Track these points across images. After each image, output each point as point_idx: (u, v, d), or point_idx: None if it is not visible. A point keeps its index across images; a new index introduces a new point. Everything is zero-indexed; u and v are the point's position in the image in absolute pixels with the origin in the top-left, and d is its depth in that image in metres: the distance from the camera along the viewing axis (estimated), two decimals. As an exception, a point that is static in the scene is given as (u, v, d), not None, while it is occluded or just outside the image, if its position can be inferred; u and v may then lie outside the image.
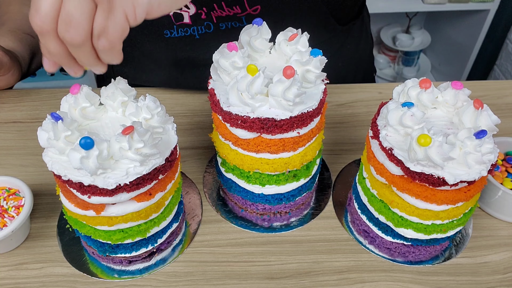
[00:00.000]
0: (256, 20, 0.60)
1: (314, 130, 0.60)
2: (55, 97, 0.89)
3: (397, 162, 0.54)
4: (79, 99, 0.54)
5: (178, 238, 0.67)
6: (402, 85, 0.59)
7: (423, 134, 0.50)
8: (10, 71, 0.83)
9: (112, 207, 0.54)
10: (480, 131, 0.51)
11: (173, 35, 0.81)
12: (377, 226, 0.64)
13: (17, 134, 0.82)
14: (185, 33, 0.80)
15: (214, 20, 0.79)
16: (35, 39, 0.88)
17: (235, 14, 0.78)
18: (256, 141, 0.58)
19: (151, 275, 0.63)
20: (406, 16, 2.18)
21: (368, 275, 0.63)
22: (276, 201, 0.67)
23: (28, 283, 0.61)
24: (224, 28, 0.80)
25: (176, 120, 0.76)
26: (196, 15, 0.78)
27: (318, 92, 0.58)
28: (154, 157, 0.52)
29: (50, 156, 0.51)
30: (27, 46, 0.89)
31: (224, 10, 0.77)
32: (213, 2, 0.76)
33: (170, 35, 0.81)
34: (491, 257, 0.66)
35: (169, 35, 0.81)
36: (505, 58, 1.98)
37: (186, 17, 0.78)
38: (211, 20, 0.79)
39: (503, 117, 0.86)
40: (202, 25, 0.80)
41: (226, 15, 0.78)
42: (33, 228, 0.68)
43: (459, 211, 0.58)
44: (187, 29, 0.80)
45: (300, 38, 0.59)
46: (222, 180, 0.70)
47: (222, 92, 0.57)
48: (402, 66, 2.25)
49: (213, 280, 0.62)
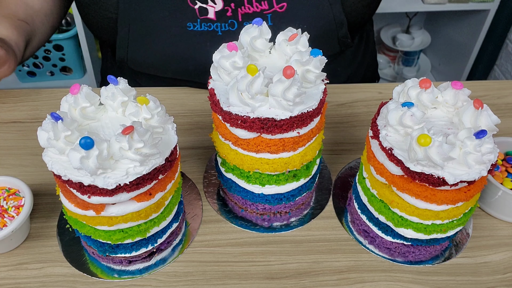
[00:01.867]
0: (256, 20, 0.60)
1: (314, 130, 0.60)
2: (55, 97, 0.89)
3: (397, 162, 0.54)
4: (79, 99, 0.54)
5: (178, 238, 0.67)
6: (402, 85, 0.59)
7: (423, 134, 0.50)
8: (6, 64, 0.78)
9: (112, 207, 0.54)
10: (480, 131, 0.51)
11: (196, 28, 0.81)
12: (377, 226, 0.64)
13: (17, 134, 0.82)
14: (208, 28, 0.81)
15: (239, 18, 0.80)
16: (30, 26, 0.86)
17: (262, 10, 0.79)
18: (256, 141, 0.58)
19: (151, 275, 0.63)
20: (406, 16, 2.18)
21: (368, 275, 0.63)
22: (276, 201, 0.67)
23: (28, 283, 0.61)
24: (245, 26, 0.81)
25: (176, 120, 0.76)
26: (221, 11, 0.79)
27: (318, 92, 0.58)
28: (154, 157, 0.52)
29: (50, 156, 0.51)
30: (22, 33, 0.85)
31: (252, 6, 0.78)
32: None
33: (193, 28, 0.81)
34: (491, 257, 0.66)
35: (191, 28, 0.81)
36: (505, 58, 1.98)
37: (211, 13, 0.79)
38: (236, 18, 0.80)
39: (503, 117, 0.86)
40: (226, 22, 0.80)
41: (253, 11, 0.79)
42: (33, 228, 0.68)
43: (459, 211, 0.58)
44: (211, 24, 0.80)
45: (300, 38, 0.59)
46: (222, 180, 0.70)
47: (222, 92, 0.57)
48: (402, 66, 2.24)
49: (213, 280, 0.62)
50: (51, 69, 1.77)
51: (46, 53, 1.69)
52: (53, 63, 1.73)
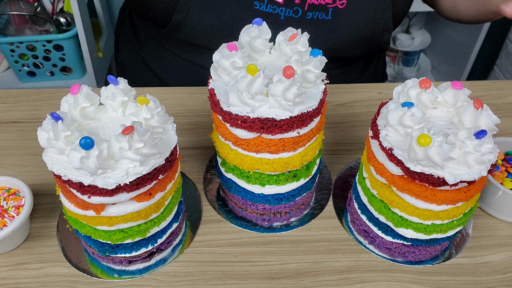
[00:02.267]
0: (256, 20, 0.60)
1: (314, 130, 0.60)
2: (55, 97, 0.89)
3: (397, 162, 0.54)
4: (79, 99, 0.54)
5: (178, 238, 0.67)
6: (402, 85, 0.59)
7: (423, 134, 0.50)
8: None
9: (112, 207, 0.54)
10: (480, 131, 0.51)
11: (262, 8, 0.82)
12: (377, 226, 0.64)
13: (17, 134, 0.82)
14: (273, 10, 0.82)
15: (306, 7, 0.82)
16: None
17: (327, 4, 0.82)
18: (256, 141, 0.58)
19: (151, 275, 0.63)
20: (406, 16, 2.18)
21: (368, 275, 0.63)
22: (276, 201, 0.67)
23: (28, 283, 0.61)
24: (310, 18, 0.83)
25: (176, 120, 0.76)
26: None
27: (318, 92, 0.58)
28: (154, 157, 0.52)
29: (50, 156, 0.51)
30: None
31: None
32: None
33: (259, 8, 0.82)
34: (491, 257, 0.66)
35: (257, 7, 0.82)
36: (505, 58, 1.98)
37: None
38: (303, 6, 0.82)
39: (503, 117, 0.86)
40: (291, 9, 0.82)
41: (319, 4, 0.81)
42: (33, 228, 0.68)
43: (459, 211, 0.58)
44: (276, 7, 0.82)
45: (300, 38, 0.59)
46: (222, 180, 0.70)
47: (222, 92, 0.57)
48: (402, 66, 2.24)
49: (213, 280, 0.62)
50: (51, 69, 1.76)
51: (46, 53, 1.68)
52: (53, 63, 1.73)
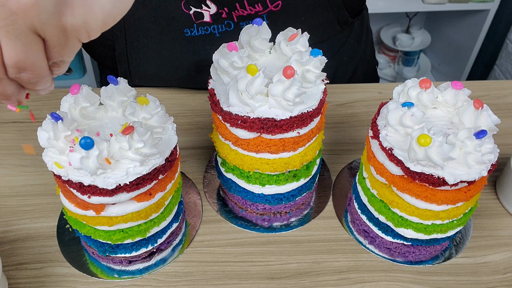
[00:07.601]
0: (256, 20, 0.60)
1: (314, 130, 0.60)
2: (55, 97, 0.89)
3: (397, 162, 0.54)
4: (79, 99, 0.54)
5: (178, 238, 0.67)
6: (402, 85, 0.59)
7: (423, 134, 0.50)
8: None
9: (112, 207, 0.54)
10: (480, 131, 0.51)
11: (194, 33, 0.81)
12: (377, 226, 0.64)
13: (17, 134, 0.82)
14: (205, 31, 0.81)
15: (235, 19, 0.80)
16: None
17: (257, 12, 0.79)
18: (256, 141, 0.58)
19: (151, 275, 0.63)
20: (406, 16, 2.18)
21: (368, 275, 0.63)
22: (276, 201, 0.67)
23: (28, 283, 0.61)
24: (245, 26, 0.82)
25: (176, 120, 0.76)
26: (216, 14, 0.79)
27: (318, 92, 0.58)
28: (154, 157, 0.52)
29: (50, 156, 0.51)
30: None
31: (245, 9, 0.77)
32: (235, 2, 0.77)
33: (191, 34, 0.82)
34: (491, 257, 0.66)
35: (189, 33, 0.82)
36: (505, 58, 1.98)
37: (207, 16, 0.79)
38: (232, 19, 0.79)
39: (503, 117, 0.86)
40: (222, 24, 0.80)
41: (248, 14, 0.79)
42: (33, 228, 0.68)
43: (459, 211, 0.58)
44: (207, 27, 0.81)
45: (300, 38, 0.59)
46: (222, 180, 0.70)
47: (222, 92, 0.57)
48: (402, 66, 2.25)
49: (213, 280, 0.62)
50: (51, 69, 1.77)
51: (46, 53, 1.69)
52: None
